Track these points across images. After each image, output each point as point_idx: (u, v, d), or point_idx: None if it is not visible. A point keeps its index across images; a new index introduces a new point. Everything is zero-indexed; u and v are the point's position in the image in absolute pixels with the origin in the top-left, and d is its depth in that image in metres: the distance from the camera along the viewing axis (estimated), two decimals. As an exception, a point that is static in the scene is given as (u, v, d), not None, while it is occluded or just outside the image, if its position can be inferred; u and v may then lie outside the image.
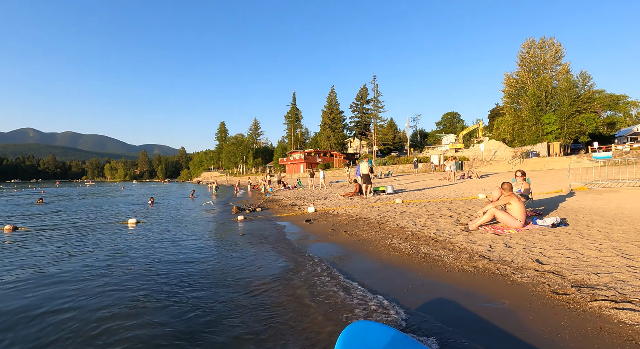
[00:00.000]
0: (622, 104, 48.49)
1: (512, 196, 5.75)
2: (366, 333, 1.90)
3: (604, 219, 5.77)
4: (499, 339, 2.39)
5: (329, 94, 70.92)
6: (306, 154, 61.35)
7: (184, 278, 4.29)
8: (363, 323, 2.03)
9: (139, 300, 3.53)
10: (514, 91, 43.87)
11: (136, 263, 5.14)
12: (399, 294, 3.37)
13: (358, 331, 1.92)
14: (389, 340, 1.82)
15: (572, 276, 3.34)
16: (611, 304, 2.65)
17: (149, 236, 7.46)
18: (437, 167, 35.05)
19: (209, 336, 2.70)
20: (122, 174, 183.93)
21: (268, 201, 15.56)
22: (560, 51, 41.03)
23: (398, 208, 9.09)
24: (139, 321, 3.03)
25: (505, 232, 5.39)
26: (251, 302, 3.39)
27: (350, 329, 1.93)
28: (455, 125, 76.88)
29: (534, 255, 4.10)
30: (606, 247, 4.12)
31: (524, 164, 29.45)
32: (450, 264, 4.14)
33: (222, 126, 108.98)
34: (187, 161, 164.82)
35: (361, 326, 1.99)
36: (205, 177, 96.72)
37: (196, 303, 3.42)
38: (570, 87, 37.06)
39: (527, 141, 38.85)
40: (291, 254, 5.34)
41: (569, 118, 36.19)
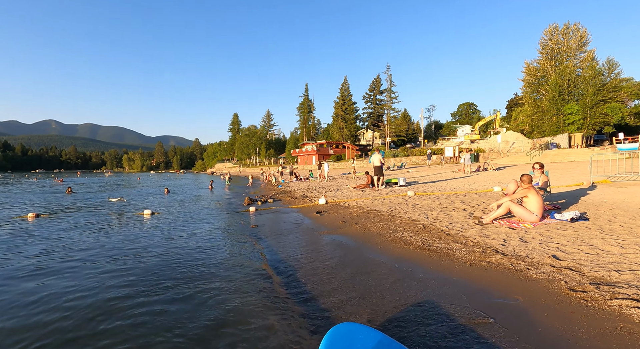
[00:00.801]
0: (651, 93, 45.89)
1: (530, 189, 5.56)
2: (352, 335, 1.85)
3: (627, 214, 5.52)
4: (512, 336, 2.33)
5: (342, 85, 70.09)
6: (318, 145, 61.20)
7: (191, 267, 4.37)
8: (349, 325, 1.98)
9: (138, 289, 3.63)
10: (534, 79, 42.19)
11: (144, 252, 5.27)
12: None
13: (344, 332, 1.87)
14: (374, 344, 1.77)
15: (591, 273, 3.21)
16: (632, 303, 2.53)
17: (161, 228, 7.64)
18: (451, 159, 34.34)
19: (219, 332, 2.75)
20: (139, 165, 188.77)
21: (280, 192, 15.67)
22: (585, 37, 39.01)
23: (410, 201, 8.97)
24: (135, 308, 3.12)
25: (520, 227, 5.24)
26: (258, 294, 3.43)
27: (336, 331, 1.89)
28: (472, 116, 74.88)
29: (550, 250, 3.97)
30: (629, 244, 3.94)
31: (543, 156, 28.49)
32: (462, 259, 4.06)
33: (235, 118, 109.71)
34: (202, 152, 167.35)
35: (347, 327, 1.94)
36: (219, 168, 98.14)
37: (200, 291, 3.48)
38: (595, 75, 35.32)
39: (547, 132, 37.50)
40: (301, 246, 5.36)
41: (593, 108, 34.61)
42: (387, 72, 63.26)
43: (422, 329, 2.50)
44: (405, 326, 2.58)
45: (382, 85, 66.47)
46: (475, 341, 2.28)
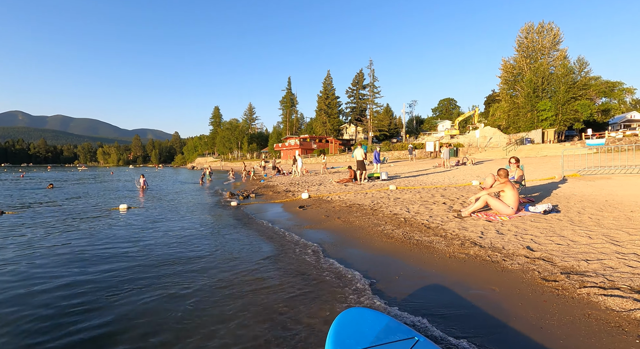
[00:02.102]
0: (617, 91, 48.58)
1: (506, 183, 5.74)
2: (360, 319, 1.91)
3: (595, 206, 5.81)
4: (488, 326, 2.39)
5: (325, 79, 69.78)
6: (302, 139, 60.89)
7: (167, 262, 4.24)
8: (357, 310, 2.05)
9: (113, 285, 3.49)
10: (510, 76, 43.54)
11: (119, 248, 5.08)
12: (390, 281, 3.37)
13: (352, 317, 1.94)
14: (382, 327, 1.83)
15: (562, 263, 3.35)
16: (599, 291, 2.67)
17: (138, 222, 7.37)
18: (432, 154, 35.09)
19: (192, 323, 2.68)
20: (115, 159, 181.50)
21: (262, 187, 15.49)
22: (558, 36, 40.56)
23: (392, 195, 9.09)
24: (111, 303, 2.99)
25: (497, 219, 5.41)
26: (239, 286, 3.36)
27: (345, 315, 1.95)
28: (452, 111, 76.59)
29: (525, 242, 4.12)
30: (596, 234, 4.14)
31: (518, 150, 29.59)
32: (442, 251, 4.15)
33: (217, 111, 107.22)
34: (181, 146, 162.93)
35: (355, 312, 2.00)
36: (199, 162, 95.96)
37: (177, 284, 3.39)
38: (567, 73, 36.87)
39: (522, 128, 38.94)
40: (281, 240, 5.31)
41: (565, 105, 36.19)
42: (370, 67, 63.45)
43: (406, 320, 2.53)
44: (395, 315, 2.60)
45: (364, 80, 66.73)
46: (452, 332, 2.33)
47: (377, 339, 1.73)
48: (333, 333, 1.80)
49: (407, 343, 1.69)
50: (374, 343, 1.70)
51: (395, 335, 1.78)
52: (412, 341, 1.71)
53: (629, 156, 14.47)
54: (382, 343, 1.70)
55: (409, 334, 1.78)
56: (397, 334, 1.79)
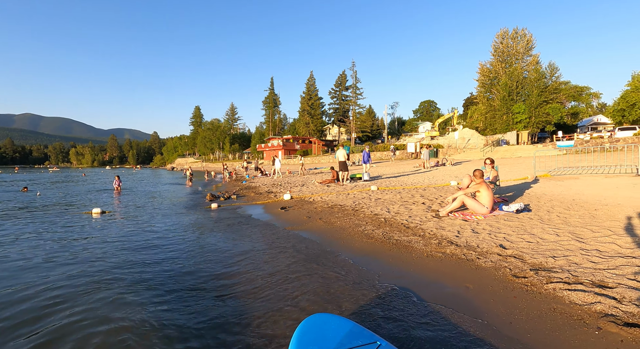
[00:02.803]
0: (585, 95, 51.28)
1: (482, 183, 5.94)
2: (323, 325, 1.91)
3: (563, 205, 6.11)
4: (460, 323, 2.47)
5: (308, 80, 69.85)
6: (285, 140, 60.65)
7: (144, 270, 4.12)
8: (321, 316, 2.04)
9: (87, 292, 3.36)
10: (487, 80, 45.15)
11: (92, 255, 4.89)
12: (368, 281, 3.41)
13: (316, 323, 1.93)
14: (346, 332, 1.84)
15: (532, 260, 3.51)
16: (564, 286, 2.81)
17: (113, 227, 7.12)
18: (412, 155, 35.79)
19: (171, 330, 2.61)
20: (89, 160, 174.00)
21: (244, 188, 15.31)
22: (531, 42, 42.40)
23: (373, 195, 9.21)
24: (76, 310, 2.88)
25: (473, 218, 5.59)
26: (217, 291, 3.31)
27: (308, 322, 1.94)
28: (432, 113, 78.45)
29: (498, 240, 4.28)
30: (563, 232, 4.36)
31: (494, 152, 30.67)
32: (419, 251, 4.24)
33: (197, 111, 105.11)
34: (161, 147, 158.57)
35: (319, 318, 2.00)
36: (179, 163, 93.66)
37: (156, 292, 3.30)
38: (539, 77, 38.62)
39: (498, 130, 40.41)
40: (262, 242, 5.27)
41: (537, 108, 37.88)
42: (353, 69, 64.11)
43: (380, 319, 2.57)
44: (364, 317, 2.63)
45: (347, 82, 67.28)
46: (427, 329, 2.39)
47: (340, 345, 1.74)
48: (296, 339, 1.78)
49: (370, 348, 1.72)
50: (337, 348, 1.71)
51: (358, 340, 1.79)
52: (374, 345, 1.73)
53: (595, 157, 15.31)
54: (345, 348, 1.71)
55: (371, 339, 1.80)
56: (360, 339, 1.80)
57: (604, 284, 2.79)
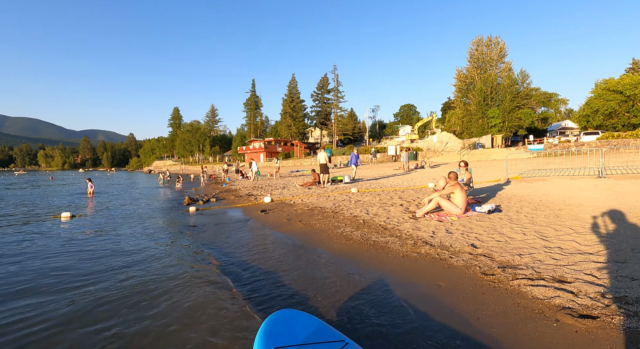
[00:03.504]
0: (553, 101, 54.04)
1: (456, 185, 6.15)
2: (291, 320, 1.93)
3: (531, 205, 6.43)
4: (430, 320, 2.56)
5: (290, 82, 69.78)
6: (266, 143, 60.21)
7: (116, 276, 4.00)
8: (289, 311, 2.05)
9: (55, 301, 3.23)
10: (463, 85, 46.72)
11: (62, 262, 4.69)
12: (346, 283, 3.47)
13: (283, 317, 1.95)
14: (313, 329, 1.86)
15: (500, 258, 3.68)
16: (528, 282, 2.97)
17: (84, 232, 6.84)
18: (393, 157, 36.46)
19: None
20: (59, 162, 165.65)
21: (224, 191, 15.08)
22: (504, 50, 44.30)
23: (353, 197, 9.32)
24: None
25: (447, 219, 5.78)
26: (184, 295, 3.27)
27: (276, 316, 1.95)
28: (412, 117, 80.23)
29: (470, 240, 4.45)
30: (530, 231, 4.60)
31: (471, 155, 31.74)
32: (396, 251, 4.35)
33: (176, 112, 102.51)
34: (137, 149, 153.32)
35: (287, 313, 2.01)
36: (157, 166, 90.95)
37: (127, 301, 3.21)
38: (511, 84, 40.39)
39: (474, 134, 41.86)
40: (239, 245, 5.23)
41: (510, 113, 39.56)
42: (334, 72, 64.63)
43: (354, 317, 2.62)
44: (338, 315, 2.67)
45: (329, 85, 67.70)
46: (396, 327, 2.46)
47: (307, 339, 1.75)
48: (263, 330, 1.79)
49: (337, 345, 1.73)
50: (304, 341, 1.73)
51: (326, 336, 1.81)
52: (341, 343, 1.75)
53: (563, 160, 16.18)
54: (312, 342, 1.73)
55: (339, 338, 1.82)
56: (328, 337, 1.82)
57: (563, 279, 2.97)
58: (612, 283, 2.77)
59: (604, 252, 3.52)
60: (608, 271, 3.03)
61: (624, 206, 5.65)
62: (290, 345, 1.68)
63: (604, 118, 34.48)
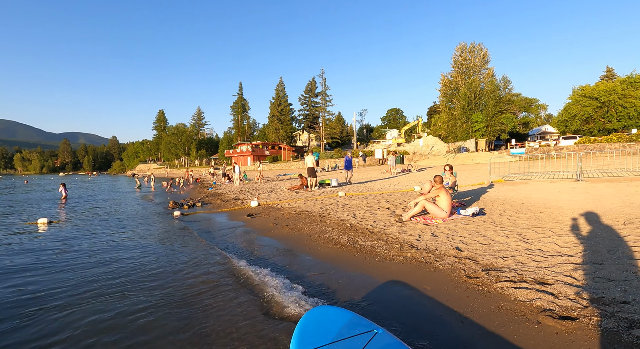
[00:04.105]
0: (534, 107, 55.90)
1: (441, 188, 6.24)
2: (324, 317, 2.03)
3: (513, 208, 6.58)
4: (415, 323, 2.56)
5: (278, 86, 69.70)
6: (254, 146, 59.77)
7: (95, 285, 3.86)
8: (322, 308, 2.15)
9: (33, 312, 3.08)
10: (448, 90, 47.80)
11: (40, 272, 4.49)
12: (330, 288, 3.44)
13: (317, 315, 2.05)
14: (345, 322, 1.96)
15: (484, 261, 3.74)
16: (510, 284, 3.02)
17: (63, 239, 6.58)
18: (380, 161, 36.80)
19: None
20: (37, 166, 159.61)
21: (210, 195, 14.84)
22: (487, 56, 45.64)
23: (340, 201, 9.33)
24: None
25: (433, 222, 5.85)
26: (178, 300, 3.18)
27: (310, 314, 2.05)
28: (399, 121, 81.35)
29: (455, 243, 4.51)
30: (512, 233, 4.70)
31: (456, 158, 32.37)
32: (382, 255, 4.36)
33: (161, 115, 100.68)
34: (120, 152, 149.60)
35: (320, 310, 2.12)
36: (141, 169, 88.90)
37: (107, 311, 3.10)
38: (494, 89, 41.59)
39: (459, 137, 42.79)
40: (227, 250, 5.14)
41: (493, 117, 40.67)
42: (322, 76, 65.05)
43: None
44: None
45: (317, 88, 67.95)
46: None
47: (339, 335, 1.85)
48: (298, 332, 1.87)
49: (367, 336, 1.83)
50: (335, 338, 1.82)
51: (357, 329, 1.91)
52: (371, 333, 1.85)
53: (543, 164, 16.70)
54: (343, 337, 1.83)
55: (369, 328, 1.92)
56: (358, 328, 1.91)
57: (544, 281, 3.03)
58: (590, 284, 2.85)
59: (582, 254, 3.63)
60: (586, 272, 3.11)
61: (600, 208, 5.85)
62: (323, 345, 1.76)
63: (581, 123, 35.87)
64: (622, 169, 12.31)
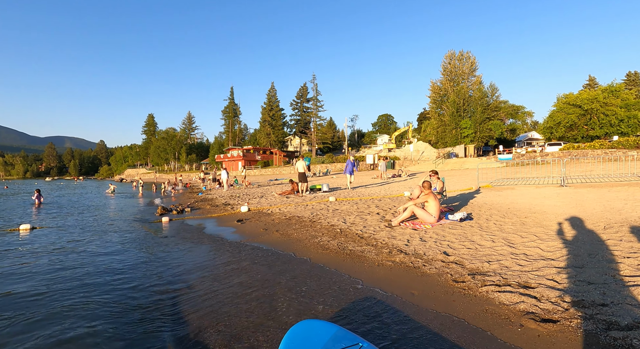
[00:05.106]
0: (520, 114, 57.27)
1: (430, 194, 6.33)
2: (309, 331, 2.00)
3: (499, 213, 6.72)
4: (400, 329, 2.59)
5: (269, 91, 69.83)
6: (245, 151, 59.56)
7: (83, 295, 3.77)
8: (307, 322, 2.12)
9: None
10: (438, 97, 48.68)
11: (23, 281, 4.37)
12: (321, 293, 3.45)
13: (302, 329, 2.02)
14: (330, 336, 1.94)
15: (470, 265, 3.80)
16: (495, 288, 3.08)
17: (47, 246, 6.41)
18: (371, 166, 37.06)
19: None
20: (20, 171, 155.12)
21: (199, 200, 14.68)
22: (474, 64, 46.75)
23: (331, 206, 9.35)
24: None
25: (422, 227, 5.92)
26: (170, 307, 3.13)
27: (295, 329, 2.02)
28: (389, 126, 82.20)
29: (442, 248, 4.58)
30: (498, 238, 4.79)
31: (445, 164, 32.84)
32: (371, 260, 4.38)
33: (151, 119, 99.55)
34: (108, 157, 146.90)
35: (305, 324, 2.09)
36: (130, 174, 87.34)
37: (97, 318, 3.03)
38: (482, 96, 42.56)
39: (448, 143, 43.47)
40: (213, 257, 5.09)
41: (481, 124, 41.52)
42: (313, 81, 65.44)
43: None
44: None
45: (308, 94, 68.35)
46: (369, 334, 2.47)
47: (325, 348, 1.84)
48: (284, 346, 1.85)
49: None
50: None
51: (341, 343, 1.89)
52: (356, 347, 1.83)
53: (529, 169, 17.09)
54: None
55: (354, 341, 1.90)
56: (343, 342, 1.90)
57: (527, 285, 3.10)
58: (571, 288, 2.93)
59: (564, 257, 3.73)
60: (568, 276, 3.20)
61: (583, 213, 6.02)
62: None
63: (565, 130, 36.90)
64: (604, 174, 12.71)
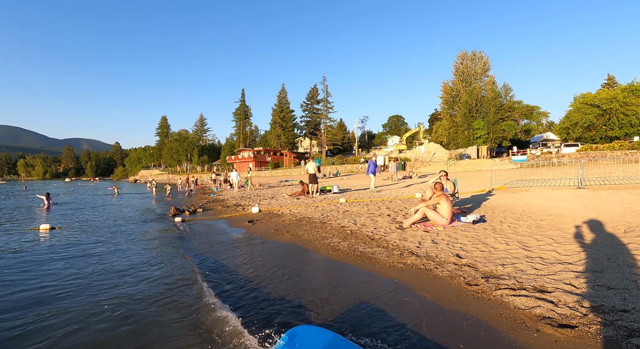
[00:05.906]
0: (535, 114, 55.96)
1: (442, 195, 6.25)
2: (305, 337, 1.94)
3: (514, 216, 6.57)
4: (414, 332, 2.56)
5: (280, 93, 70.28)
6: (255, 152, 60.05)
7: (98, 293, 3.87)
8: (304, 327, 2.07)
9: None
10: (450, 98, 48.01)
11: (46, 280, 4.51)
12: (333, 294, 3.45)
13: (298, 334, 1.97)
14: (326, 343, 1.88)
15: (484, 268, 3.73)
16: (510, 292, 3.02)
17: (62, 246, 6.61)
18: (382, 168, 36.82)
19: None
20: (40, 172, 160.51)
21: (211, 201, 14.88)
22: (487, 64, 45.93)
23: (341, 207, 9.33)
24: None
25: (433, 229, 5.84)
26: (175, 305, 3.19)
27: (291, 334, 1.97)
28: (400, 127, 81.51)
29: (455, 250, 4.51)
30: (512, 241, 4.69)
31: (457, 165, 32.35)
32: (382, 262, 4.36)
33: (164, 121, 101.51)
34: (123, 158, 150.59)
35: (302, 330, 2.04)
36: (143, 175, 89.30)
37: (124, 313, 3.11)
38: (495, 97, 41.76)
39: (460, 144, 42.82)
40: (229, 257, 5.15)
41: (494, 125, 40.74)
42: (324, 83, 65.57)
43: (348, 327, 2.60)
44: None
45: (319, 95, 68.51)
46: (379, 340, 2.46)
47: None
48: None
49: None
50: None
51: None
52: None
53: (545, 171, 16.67)
54: None
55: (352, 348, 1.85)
56: None
57: (544, 289, 3.03)
58: (590, 293, 2.85)
59: (582, 261, 3.62)
60: (586, 280, 3.11)
61: (602, 216, 5.84)
62: None
63: (582, 131, 35.86)
64: (624, 176, 12.28)
